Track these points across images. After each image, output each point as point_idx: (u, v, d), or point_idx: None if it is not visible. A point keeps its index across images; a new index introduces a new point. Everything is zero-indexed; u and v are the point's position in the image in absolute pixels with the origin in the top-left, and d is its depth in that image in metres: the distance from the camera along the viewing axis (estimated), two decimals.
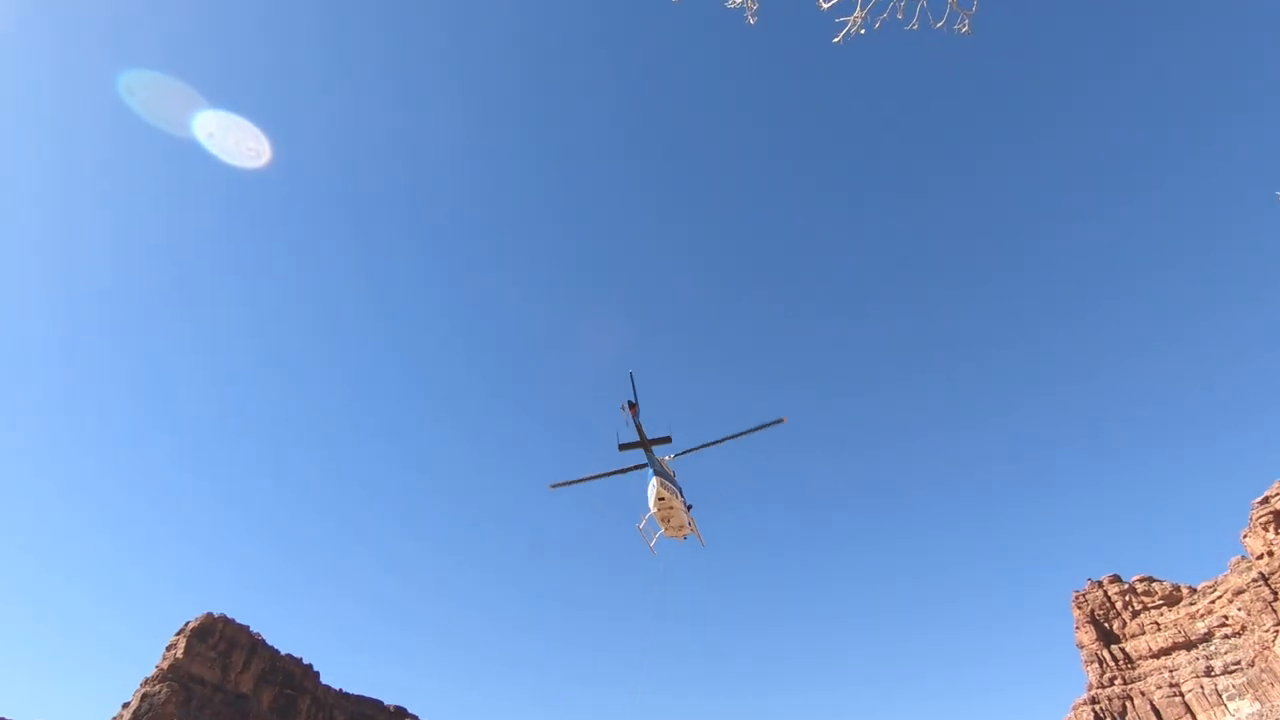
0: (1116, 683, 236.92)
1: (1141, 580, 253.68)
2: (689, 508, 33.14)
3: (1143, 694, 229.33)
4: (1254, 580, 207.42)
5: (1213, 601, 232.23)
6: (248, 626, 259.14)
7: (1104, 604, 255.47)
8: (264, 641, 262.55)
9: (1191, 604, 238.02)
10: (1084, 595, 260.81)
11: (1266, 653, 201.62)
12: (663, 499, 30.13)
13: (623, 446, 31.17)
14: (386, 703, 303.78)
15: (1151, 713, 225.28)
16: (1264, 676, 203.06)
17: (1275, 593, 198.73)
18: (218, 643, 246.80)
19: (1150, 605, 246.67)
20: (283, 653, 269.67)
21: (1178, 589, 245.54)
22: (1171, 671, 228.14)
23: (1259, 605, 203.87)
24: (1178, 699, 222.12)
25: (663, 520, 30.89)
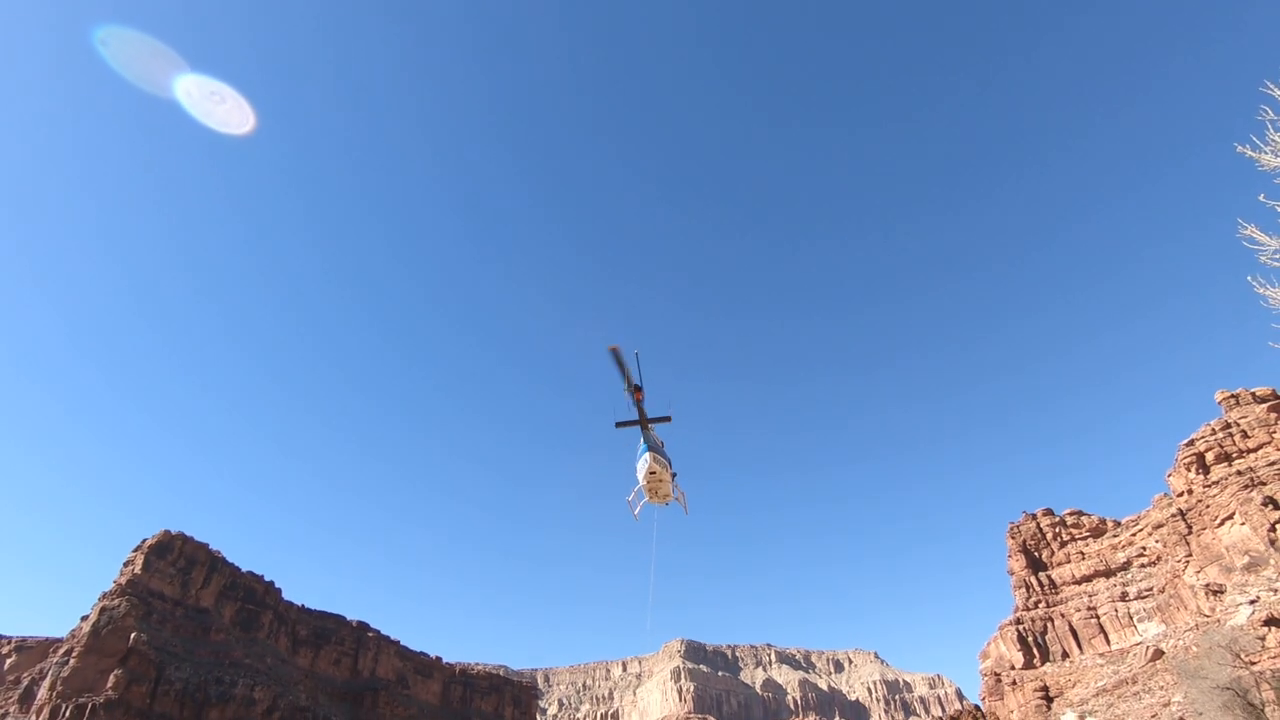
0: (1040, 606, 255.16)
1: (1071, 514, 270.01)
2: (674, 476, 33.99)
3: (1063, 616, 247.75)
4: (1172, 516, 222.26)
5: (1134, 534, 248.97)
6: (207, 544, 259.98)
7: (1035, 535, 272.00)
8: (224, 559, 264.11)
9: (1115, 536, 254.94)
10: (1018, 526, 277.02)
11: (1176, 581, 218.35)
12: (654, 473, 30.87)
13: (619, 424, 31.68)
14: (349, 617, 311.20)
15: (1069, 632, 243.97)
16: (1171, 602, 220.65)
17: (1190, 528, 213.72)
18: (177, 559, 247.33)
19: (1078, 537, 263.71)
20: (243, 570, 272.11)
21: (1103, 522, 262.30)
22: (1090, 596, 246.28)
23: (1174, 538, 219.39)
24: (1093, 620, 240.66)
25: (650, 491, 31.70)
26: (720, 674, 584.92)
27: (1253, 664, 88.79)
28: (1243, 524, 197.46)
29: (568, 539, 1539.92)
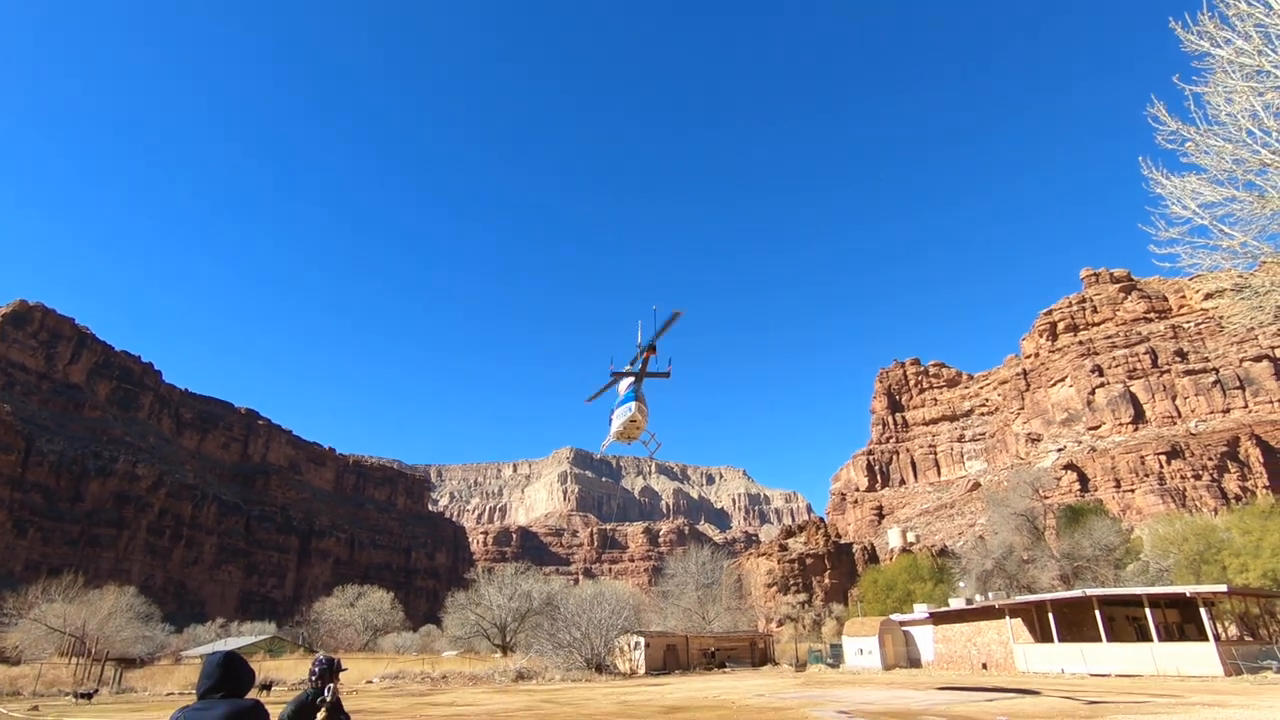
0: (891, 441, 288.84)
1: (935, 365, 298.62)
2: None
3: (907, 450, 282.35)
4: (1017, 374, 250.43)
5: (982, 387, 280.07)
6: (72, 319, 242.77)
7: (901, 380, 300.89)
8: (94, 336, 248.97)
9: (965, 388, 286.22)
10: (887, 372, 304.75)
11: (1005, 429, 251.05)
12: (635, 421, 31.71)
13: (616, 375, 31.96)
14: (237, 405, 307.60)
15: (910, 464, 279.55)
16: (997, 445, 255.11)
17: (1029, 385, 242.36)
18: (37, 331, 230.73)
19: (936, 385, 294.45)
20: (117, 349, 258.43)
21: (960, 374, 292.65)
22: (934, 436, 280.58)
23: (1013, 394, 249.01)
24: (931, 456, 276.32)
25: (623, 435, 32.51)
26: (604, 480, 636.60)
27: (1046, 499, 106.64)
28: (1070, 386, 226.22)
29: (470, 345, 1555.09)
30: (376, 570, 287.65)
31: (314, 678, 6.82)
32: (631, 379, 32.30)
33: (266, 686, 44.53)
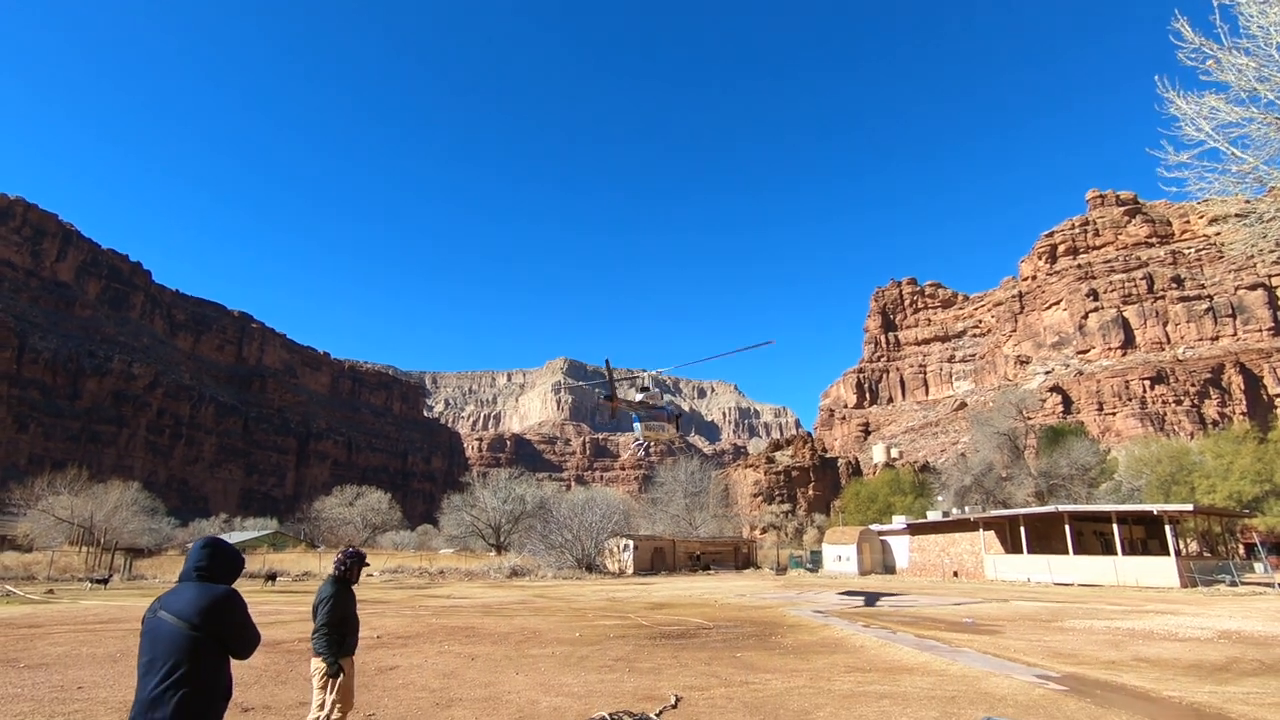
0: (882, 360, 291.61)
1: (931, 285, 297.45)
2: (678, 417, 39.47)
3: (898, 370, 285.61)
4: (1012, 297, 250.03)
5: (976, 309, 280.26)
6: (56, 214, 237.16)
7: (896, 300, 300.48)
8: (79, 233, 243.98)
9: (960, 308, 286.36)
10: (883, 291, 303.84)
11: (996, 351, 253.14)
12: (649, 436, 36.51)
13: (610, 383, 35.82)
14: (230, 307, 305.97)
15: (899, 383, 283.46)
16: (986, 367, 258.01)
17: (1023, 308, 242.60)
18: (20, 227, 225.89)
19: (931, 306, 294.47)
20: (104, 247, 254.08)
21: (955, 295, 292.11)
22: (924, 356, 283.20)
23: (1007, 316, 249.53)
24: (921, 375, 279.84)
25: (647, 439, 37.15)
26: (596, 390, 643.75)
27: (1029, 419, 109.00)
28: (1064, 310, 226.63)
29: (462, 249, 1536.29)
30: (374, 472, 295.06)
31: (344, 567, 7.58)
32: (635, 408, 36.89)
33: (271, 577, 46.73)
